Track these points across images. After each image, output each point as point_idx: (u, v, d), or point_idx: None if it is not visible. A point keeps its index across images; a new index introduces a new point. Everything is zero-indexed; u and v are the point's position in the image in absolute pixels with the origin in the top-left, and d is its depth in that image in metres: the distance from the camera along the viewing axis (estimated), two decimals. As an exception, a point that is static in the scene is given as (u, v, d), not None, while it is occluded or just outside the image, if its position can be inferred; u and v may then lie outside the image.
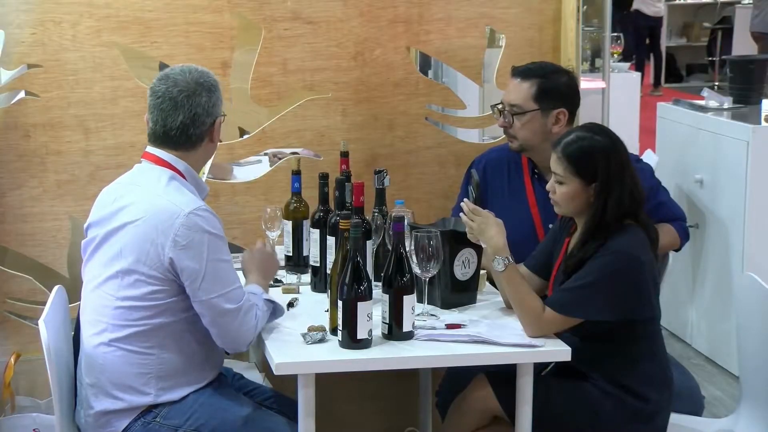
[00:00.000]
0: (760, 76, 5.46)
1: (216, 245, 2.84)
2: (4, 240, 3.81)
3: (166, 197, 2.86)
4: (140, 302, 2.84)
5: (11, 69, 3.73)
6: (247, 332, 2.88)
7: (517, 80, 3.53)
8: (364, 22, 3.97)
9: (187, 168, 2.95)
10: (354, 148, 3.70)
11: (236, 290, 2.87)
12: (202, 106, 2.92)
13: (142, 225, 2.84)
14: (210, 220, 2.85)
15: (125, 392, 2.87)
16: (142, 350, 2.86)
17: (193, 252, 2.81)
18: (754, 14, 11.06)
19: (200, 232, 2.81)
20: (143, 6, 3.80)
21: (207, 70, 3.01)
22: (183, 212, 2.81)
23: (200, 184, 3.01)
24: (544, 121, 3.48)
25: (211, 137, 2.97)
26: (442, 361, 2.96)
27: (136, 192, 2.92)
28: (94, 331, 2.91)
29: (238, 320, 2.86)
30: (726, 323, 4.90)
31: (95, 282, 2.93)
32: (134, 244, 2.84)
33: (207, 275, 2.82)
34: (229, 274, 2.87)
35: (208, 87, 2.95)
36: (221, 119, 2.99)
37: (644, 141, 7.43)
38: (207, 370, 2.96)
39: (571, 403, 3.02)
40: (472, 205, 3.08)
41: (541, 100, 3.48)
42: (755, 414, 3.20)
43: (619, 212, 2.99)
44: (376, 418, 3.93)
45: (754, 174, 4.77)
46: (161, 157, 2.94)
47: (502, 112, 3.53)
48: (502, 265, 3.01)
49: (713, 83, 12.76)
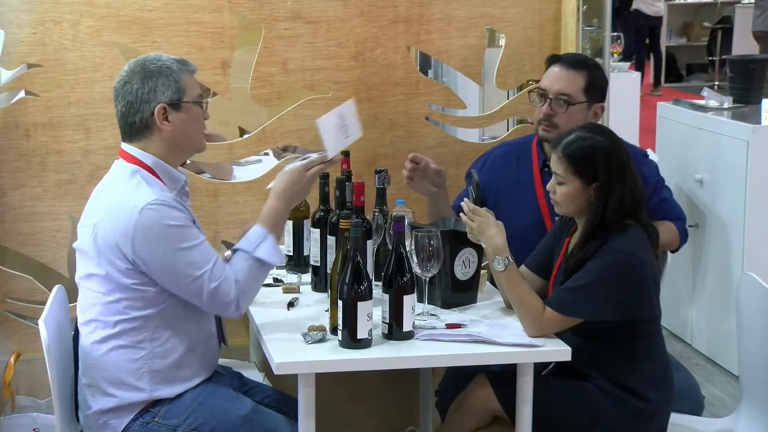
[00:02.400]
0: (760, 76, 5.47)
1: (175, 235, 2.80)
2: (4, 240, 3.82)
3: (123, 195, 2.84)
4: (124, 294, 2.84)
5: (11, 69, 3.73)
6: (229, 300, 2.85)
7: (564, 69, 3.48)
8: (364, 22, 3.97)
9: (155, 161, 2.91)
10: (354, 148, 3.68)
11: (211, 272, 2.83)
12: (133, 93, 2.88)
13: (105, 226, 2.83)
14: (163, 212, 2.80)
15: (119, 389, 2.87)
16: (133, 345, 2.86)
17: (152, 247, 2.79)
18: (756, 14, 11.06)
19: (155, 227, 2.78)
20: (143, 5, 3.80)
21: (164, 56, 2.94)
22: (136, 209, 2.78)
23: (173, 175, 2.95)
24: (586, 115, 3.47)
25: (159, 125, 2.88)
26: (442, 361, 2.96)
27: (104, 192, 2.93)
28: (88, 329, 2.92)
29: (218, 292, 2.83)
30: (726, 323, 4.90)
31: (83, 281, 2.94)
32: (103, 246, 2.83)
33: (172, 267, 2.81)
34: (195, 258, 2.82)
35: (144, 73, 2.89)
36: (162, 107, 2.87)
37: (644, 141, 7.42)
38: (201, 366, 2.96)
39: (571, 403, 3.02)
40: (472, 205, 3.08)
41: (589, 93, 3.47)
42: (755, 414, 3.20)
43: (620, 212, 2.99)
44: (376, 418, 3.93)
45: (754, 174, 4.77)
46: (129, 152, 2.92)
47: (545, 98, 3.48)
48: (502, 265, 3.01)
49: (713, 83, 12.76)
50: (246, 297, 2.91)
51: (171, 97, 2.89)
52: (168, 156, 2.94)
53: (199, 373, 2.96)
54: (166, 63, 2.92)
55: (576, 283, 2.97)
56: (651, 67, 13.84)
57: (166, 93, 2.89)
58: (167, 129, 2.90)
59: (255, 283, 2.94)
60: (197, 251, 2.83)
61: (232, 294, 2.86)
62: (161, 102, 2.88)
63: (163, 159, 2.93)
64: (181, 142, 2.95)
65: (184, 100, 2.92)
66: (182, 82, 2.91)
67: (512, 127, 4.16)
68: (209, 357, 3.02)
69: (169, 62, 2.92)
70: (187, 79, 2.93)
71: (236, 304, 2.88)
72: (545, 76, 3.52)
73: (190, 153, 3.10)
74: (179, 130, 2.92)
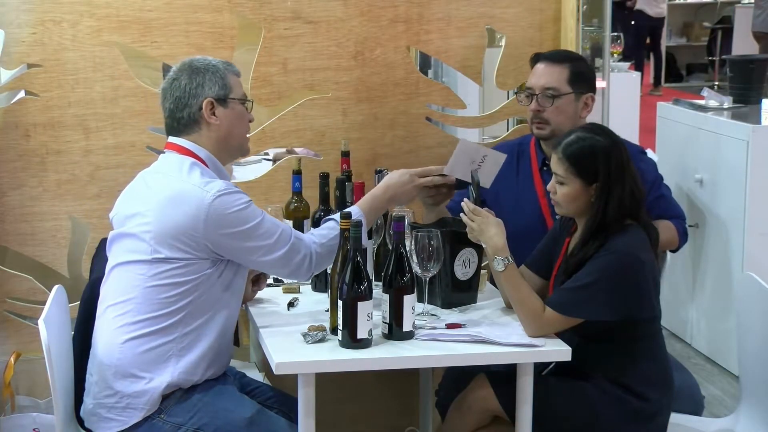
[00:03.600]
0: (760, 76, 5.47)
1: (246, 216, 2.88)
2: (4, 240, 3.82)
3: (190, 181, 2.88)
4: (171, 279, 2.86)
5: (11, 69, 3.74)
6: (302, 264, 2.96)
7: (546, 65, 3.51)
8: (364, 22, 3.97)
9: (208, 156, 2.97)
10: (354, 148, 3.70)
11: (280, 237, 2.92)
12: (182, 88, 2.95)
13: (169, 211, 2.85)
14: (235, 197, 2.88)
15: (147, 371, 2.87)
16: (167, 328, 2.87)
17: (229, 231, 2.85)
18: (756, 14, 11.06)
19: (230, 212, 2.85)
20: (143, 5, 3.80)
21: (209, 57, 3.03)
22: (209, 194, 2.84)
23: (222, 172, 3.01)
24: (576, 106, 3.50)
25: (207, 120, 2.95)
26: (442, 361, 2.96)
27: (160, 179, 2.95)
28: (118, 311, 2.90)
29: (290, 258, 2.94)
30: (726, 323, 4.90)
31: (123, 266, 2.93)
32: (163, 230, 2.85)
33: (247, 245, 2.88)
34: (266, 229, 2.91)
35: (191, 70, 2.97)
36: (210, 101, 2.94)
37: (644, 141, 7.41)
38: (218, 360, 2.97)
39: (571, 403, 3.02)
40: (472, 205, 3.07)
41: (574, 84, 3.50)
42: (755, 414, 3.20)
43: (620, 212, 2.99)
44: (376, 418, 3.93)
45: (754, 174, 4.76)
46: (182, 144, 2.97)
47: (533, 96, 3.51)
48: (502, 265, 3.01)
49: (713, 83, 12.76)
50: (320, 258, 2.99)
51: (218, 92, 2.97)
52: (217, 153, 2.99)
53: (212, 366, 2.96)
54: (213, 62, 3.01)
55: (576, 284, 2.97)
56: (651, 67, 13.84)
57: (213, 88, 2.96)
58: (215, 123, 2.96)
59: (330, 250, 2.99)
60: (266, 222, 2.92)
61: (303, 251, 2.96)
62: (209, 96, 2.95)
63: (216, 155, 2.98)
64: (228, 138, 3.00)
65: (230, 96, 2.99)
66: (228, 80, 2.99)
67: (512, 127, 4.17)
68: (226, 354, 3.03)
69: (215, 61, 3.02)
70: (232, 79, 3.01)
71: (309, 260, 2.97)
72: (531, 75, 3.56)
73: (235, 153, 3.11)
74: (225, 126, 2.98)
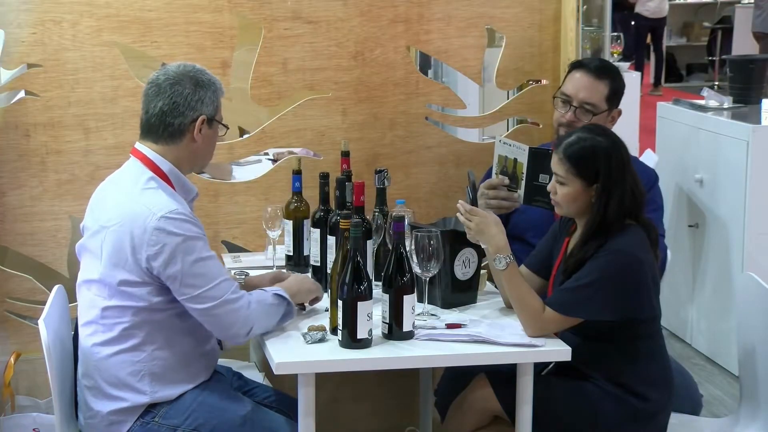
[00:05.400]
0: (760, 76, 5.46)
1: (190, 247, 2.80)
2: (4, 240, 3.82)
3: (140, 200, 2.84)
4: (127, 302, 2.84)
5: (11, 69, 3.74)
6: (237, 323, 2.86)
7: (589, 78, 3.49)
8: (364, 22, 3.97)
9: (171, 169, 2.92)
10: (354, 148, 3.70)
11: (221, 284, 2.83)
12: (183, 96, 2.89)
13: (117, 230, 2.83)
14: (180, 223, 2.81)
15: (122, 390, 2.87)
16: (134, 348, 2.86)
17: (168, 257, 2.79)
18: (756, 14, 11.06)
19: (172, 236, 2.78)
20: (143, 5, 3.80)
21: (208, 71, 2.98)
22: (155, 216, 2.79)
23: (186, 186, 2.98)
24: (605, 121, 3.51)
25: (193, 135, 2.91)
26: (442, 361, 2.96)
27: (115, 193, 2.92)
28: (88, 331, 2.91)
29: (226, 312, 2.83)
30: (726, 323, 4.90)
31: (85, 284, 2.94)
32: (113, 250, 2.83)
33: (185, 277, 2.80)
34: (210, 270, 2.83)
35: (196, 81, 2.92)
36: (204, 119, 2.90)
37: (644, 141, 7.42)
38: (201, 367, 2.96)
39: (571, 402, 3.02)
40: (468, 206, 3.07)
41: (610, 101, 3.52)
42: (755, 414, 3.20)
43: (620, 213, 2.99)
44: (376, 418, 3.92)
45: (754, 174, 4.76)
46: (146, 154, 2.92)
47: (569, 104, 3.48)
48: (503, 264, 3.00)
49: (713, 83, 12.76)
50: (257, 324, 2.90)
51: (211, 112, 2.94)
52: (182, 166, 2.96)
53: (199, 374, 2.95)
54: (214, 80, 2.97)
55: (576, 283, 2.97)
56: (651, 67, 13.83)
57: (209, 107, 2.94)
58: (197, 141, 2.93)
59: (267, 312, 2.92)
60: (211, 264, 2.84)
61: (241, 314, 2.85)
62: (204, 114, 2.92)
63: (178, 168, 2.95)
64: (197, 157, 2.99)
65: (217, 118, 2.97)
66: (219, 102, 2.98)
67: (512, 127, 4.16)
68: (209, 358, 3.01)
69: (216, 80, 2.98)
70: (222, 101, 2.99)
71: (242, 324, 2.86)
72: (569, 81, 3.52)
73: (197, 169, 3.15)
74: (203, 145, 2.96)
